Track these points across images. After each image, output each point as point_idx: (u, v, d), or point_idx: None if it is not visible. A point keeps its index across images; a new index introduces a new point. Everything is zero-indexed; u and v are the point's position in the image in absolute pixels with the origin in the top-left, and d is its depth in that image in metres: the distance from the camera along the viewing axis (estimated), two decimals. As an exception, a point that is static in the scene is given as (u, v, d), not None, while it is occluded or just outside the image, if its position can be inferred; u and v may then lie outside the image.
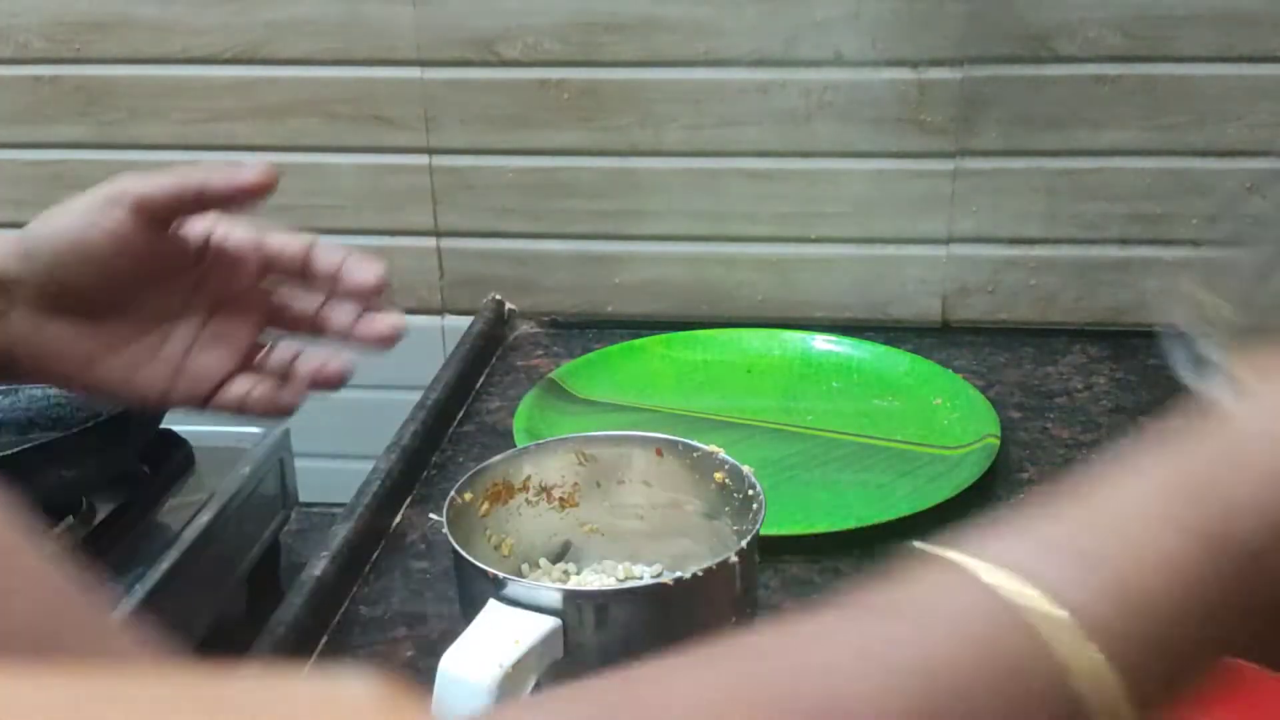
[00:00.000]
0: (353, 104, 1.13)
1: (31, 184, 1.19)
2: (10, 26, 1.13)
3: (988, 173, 1.09)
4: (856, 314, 1.15)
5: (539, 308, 1.18)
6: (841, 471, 0.89)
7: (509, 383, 1.06)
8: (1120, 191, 1.08)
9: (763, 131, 1.09)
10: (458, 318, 1.18)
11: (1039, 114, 1.06)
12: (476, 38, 1.09)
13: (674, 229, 1.14)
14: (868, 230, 1.12)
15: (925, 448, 0.92)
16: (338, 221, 1.17)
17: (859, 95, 1.07)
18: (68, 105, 1.16)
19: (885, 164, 1.09)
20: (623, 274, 1.16)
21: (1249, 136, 1.05)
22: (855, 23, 1.05)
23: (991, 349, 1.10)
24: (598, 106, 1.10)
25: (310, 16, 1.10)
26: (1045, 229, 1.10)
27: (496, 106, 1.11)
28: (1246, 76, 1.03)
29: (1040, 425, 0.96)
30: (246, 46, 1.11)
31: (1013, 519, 0.32)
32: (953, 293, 1.13)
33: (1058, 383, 1.03)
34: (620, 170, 1.12)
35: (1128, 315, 1.12)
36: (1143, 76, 1.04)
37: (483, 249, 1.17)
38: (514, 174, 1.14)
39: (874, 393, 1.00)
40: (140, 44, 1.12)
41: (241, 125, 1.14)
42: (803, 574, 0.77)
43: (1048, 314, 1.13)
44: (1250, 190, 1.06)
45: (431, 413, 0.95)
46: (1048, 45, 1.04)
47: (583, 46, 1.08)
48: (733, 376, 1.04)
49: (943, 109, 1.07)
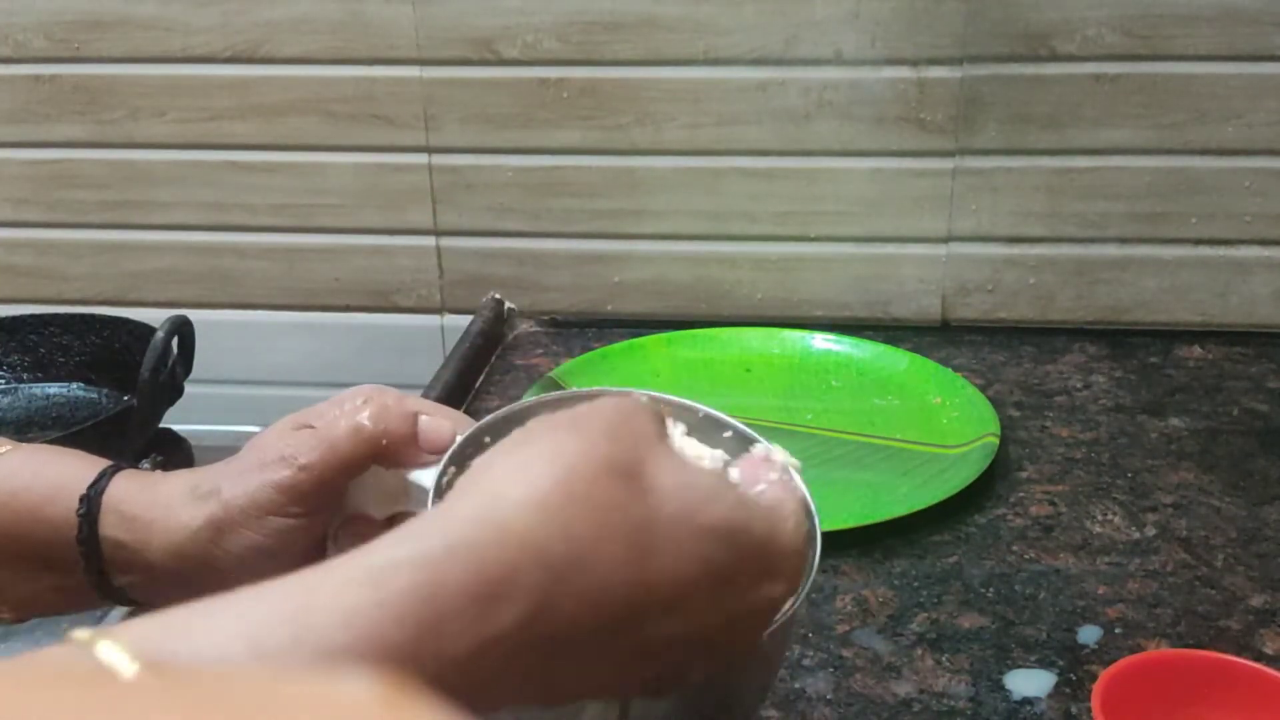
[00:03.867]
0: (352, 103, 1.12)
1: (31, 183, 1.19)
2: (10, 25, 1.13)
3: (987, 171, 1.09)
4: (856, 313, 1.15)
5: (539, 307, 1.18)
6: (841, 470, 0.89)
7: (509, 382, 1.06)
8: (1120, 190, 1.08)
9: (762, 130, 1.09)
10: (457, 317, 1.18)
11: (1039, 113, 1.06)
12: (476, 37, 1.09)
13: (674, 228, 1.14)
14: (867, 229, 1.12)
15: (925, 446, 0.92)
16: (338, 221, 1.17)
17: (858, 94, 1.07)
18: (67, 104, 1.16)
19: (885, 163, 1.09)
20: (622, 273, 1.16)
21: (1249, 136, 1.05)
22: (855, 21, 1.05)
23: (991, 348, 1.10)
24: (597, 105, 1.10)
25: (309, 15, 1.10)
26: (1045, 228, 1.10)
27: (496, 105, 1.11)
28: (1246, 76, 1.03)
29: (1039, 424, 0.96)
30: (246, 45, 1.11)
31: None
32: (952, 292, 1.13)
33: (1057, 381, 1.03)
34: (620, 169, 1.12)
35: (1127, 314, 1.12)
36: (1142, 75, 1.04)
37: (482, 248, 1.17)
38: (514, 173, 1.13)
39: (873, 391, 1.00)
40: (139, 43, 1.12)
41: (241, 124, 1.14)
42: (802, 573, 0.77)
43: (1047, 313, 1.13)
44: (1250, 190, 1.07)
45: (431, 412, 0.95)
46: (1047, 44, 1.04)
47: (582, 45, 1.08)
48: (732, 375, 1.04)
49: (942, 108, 1.07)
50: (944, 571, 0.77)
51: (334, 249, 1.18)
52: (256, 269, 1.20)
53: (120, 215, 1.19)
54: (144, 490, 0.52)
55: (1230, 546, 0.79)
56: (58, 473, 0.53)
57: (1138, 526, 0.82)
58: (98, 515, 0.52)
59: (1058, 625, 0.72)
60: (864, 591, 0.75)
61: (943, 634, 0.71)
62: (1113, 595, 0.74)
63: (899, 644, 0.70)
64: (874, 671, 0.68)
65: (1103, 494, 0.86)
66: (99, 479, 0.52)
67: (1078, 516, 0.83)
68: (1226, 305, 1.11)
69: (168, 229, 1.20)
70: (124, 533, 0.52)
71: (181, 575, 0.51)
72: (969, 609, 0.73)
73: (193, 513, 0.51)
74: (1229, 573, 0.76)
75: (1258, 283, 1.10)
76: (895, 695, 0.66)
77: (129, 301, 1.22)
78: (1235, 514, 0.83)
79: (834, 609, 0.74)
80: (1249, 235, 1.09)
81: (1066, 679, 0.67)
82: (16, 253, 1.22)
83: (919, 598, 0.74)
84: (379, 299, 1.20)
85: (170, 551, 0.51)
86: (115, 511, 0.52)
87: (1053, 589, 0.75)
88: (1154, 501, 0.85)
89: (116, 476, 0.53)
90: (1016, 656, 0.69)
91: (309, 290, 1.20)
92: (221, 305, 1.22)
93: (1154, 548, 0.79)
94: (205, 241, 1.20)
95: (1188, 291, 1.11)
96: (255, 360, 1.23)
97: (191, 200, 1.18)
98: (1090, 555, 0.78)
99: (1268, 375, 1.04)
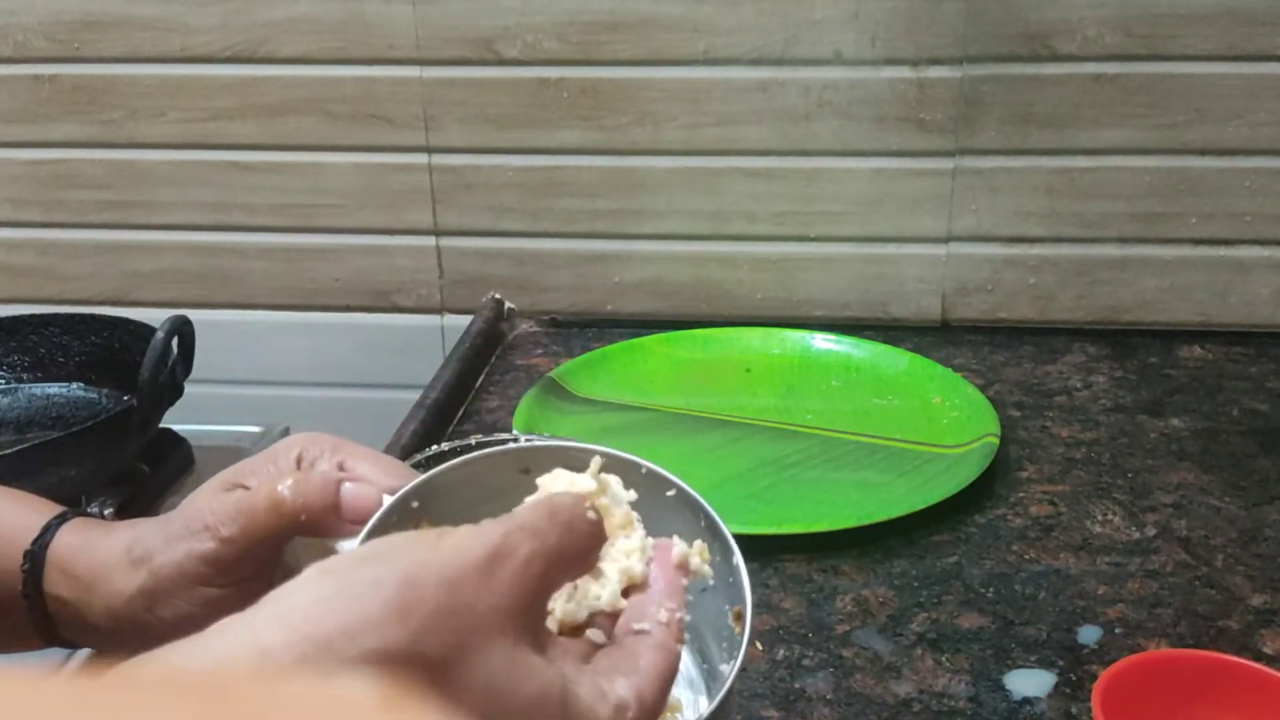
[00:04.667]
0: (352, 103, 1.12)
1: (31, 183, 1.19)
2: (10, 25, 1.13)
3: (987, 171, 1.09)
4: (856, 313, 1.15)
5: (538, 307, 1.18)
6: (841, 470, 0.89)
7: (508, 382, 1.06)
8: (1120, 190, 1.08)
9: (762, 130, 1.09)
10: (457, 317, 1.18)
11: (1038, 113, 1.06)
12: (476, 36, 1.09)
13: (673, 228, 1.14)
14: (867, 229, 1.12)
15: (925, 446, 0.92)
16: (337, 221, 1.17)
17: (858, 94, 1.07)
18: (67, 104, 1.16)
19: (884, 163, 1.09)
20: (622, 273, 1.16)
21: (1249, 136, 1.05)
22: (855, 21, 1.05)
23: (991, 348, 1.10)
24: (597, 105, 1.10)
25: (309, 15, 1.10)
26: (1045, 228, 1.10)
27: (496, 105, 1.11)
28: (1247, 76, 1.03)
29: (1040, 424, 0.96)
30: (245, 45, 1.11)
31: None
32: (952, 291, 1.13)
33: (1057, 381, 1.03)
34: (620, 169, 1.12)
35: (1127, 314, 1.12)
36: (1143, 75, 1.04)
37: (482, 248, 1.17)
38: (513, 173, 1.13)
39: (873, 391, 1.00)
40: (139, 43, 1.12)
41: (241, 124, 1.14)
42: (803, 573, 0.77)
43: (1047, 313, 1.13)
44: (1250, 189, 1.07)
45: (431, 412, 0.95)
46: (1047, 44, 1.04)
47: (582, 45, 1.08)
48: (732, 375, 1.04)
49: (942, 108, 1.07)
50: (944, 571, 0.77)
51: (334, 249, 1.18)
52: (256, 269, 1.20)
53: (120, 215, 1.19)
54: (85, 547, 0.51)
55: (1230, 546, 0.79)
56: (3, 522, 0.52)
57: (1138, 526, 0.82)
58: (42, 570, 0.51)
59: (1058, 625, 0.72)
60: (864, 591, 0.75)
61: (943, 634, 0.71)
62: (1113, 595, 0.74)
63: (899, 644, 0.70)
64: (874, 671, 0.68)
65: (1103, 494, 0.86)
66: (44, 532, 0.51)
67: (1078, 516, 0.83)
68: (1226, 305, 1.11)
69: (168, 229, 1.20)
70: (66, 590, 0.51)
71: (119, 637, 0.50)
72: (969, 609, 0.73)
73: (127, 580, 0.50)
74: (1229, 573, 0.76)
75: (1258, 283, 1.10)
76: (895, 695, 0.66)
77: (129, 301, 1.22)
78: (1235, 514, 0.83)
79: (834, 609, 0.74)
80: (1249, 235, 1.09)
81: (1066, 679, 0.67)
82: (16, 253, 1.22)
83: (919, 598, 0.74)
84: (379, 299, 1.20)
85: (109, 614, 0.50)
86: (58, 569, 0.51)
87: (1053, 589, 0.75)
88: (1154, 501, 0.85)
89: (63, 529, 0.52)
90: (1016, 656, 0.69)
91: (309, 290, 1.20)
92: (221, 305, 1.22)
93: (1154, 548, 0.79)
94: (205, 241, 1.20)
95: (1188, 291, 1.11)
96: (255, 360, 1.23)
97: (191, 200, 1.18)
98: (1090, 555, 0.78)
99: (1268, 375, 1.04)
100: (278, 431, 1.09)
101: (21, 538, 0.51)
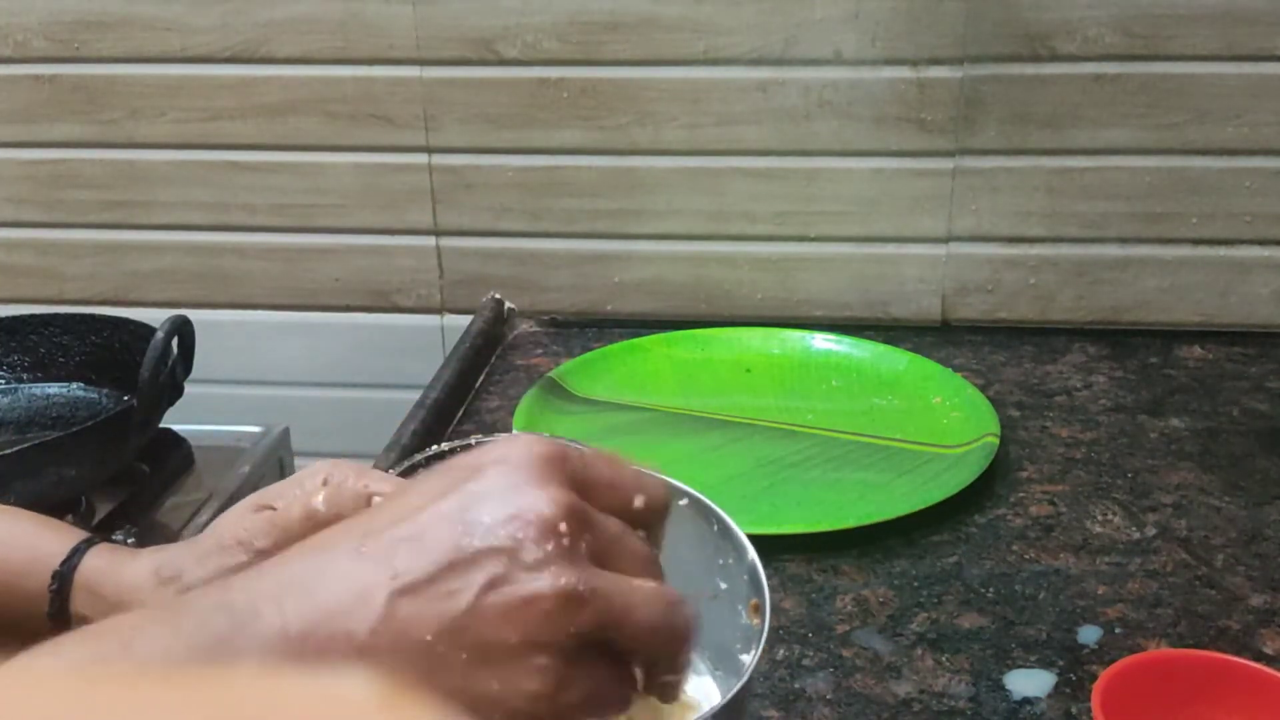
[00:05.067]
0: (352, 103, 1.12)
1: (31, 183, 1.19)
2: (10, 25, 1.13)
3: (987, 172, 1.09)
4: (856, 313, 1.15)
5: (538, 307, 1.18)
6: (841, 470, 0.89)
7: (508, 382, 1.06)
8: (1120, 190, 1.08)
9: (762, 130, 1.09)
10: (457, 317, 1.18)
11: (1038, 113, 1.06)
12: (476, 37, 1.09)
13: (674, 228, 1.14)
14: (867, 229, 1.12)
15: (925, 446, 0.92)
16: (337, 221, 1.17)
17: (858, 94, 1.07)
18: (67, 104, 1.16)
19: (884, 163, 1.09)
20: (622, 273, 1.16)
21: (1249, 136, 1.05)
22: (855, 21, 1.05)
23: (991, 348, 1.10)
24: (597, 105, 1.10)
25: (309, 15, 1.10)
26: (1045, 228, 1.10)
27: (496, 105, 1.11)
28: (1246, 76, 1.03)
29: (1040, 424, 0.96)
30: (246, 45, 1.11)
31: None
32: (952, 292, 1.13)
33: (1057, 382, 1.03)
34: (620, 169, 1.12)
35: (1128, 314, 1.12)
36: (1142, 75, 1.04)
37: (482, 248, 1.17)
38: (513, 173, 1.13)
39: (873, 391, 1.00)
40: (139, 43, 1.12)
41: (241, 124, 1.14)
42: (803, 573, 0.77)
43: (1047, 313, 1.13)
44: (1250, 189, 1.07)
45: (431, 412, 0.95)
46: (1047, 44, 1.04)
47: (582, 45, 1.08)
48: (732, 375, 1.04)
49: (942, 108, 1.07)
50: (944, 571, 0.77)
51: (334, 249, 1.18)
52: (256, 269, 1.20)
53: (120, 215, 1.19)
54: (112, 569, 0.52)
55: (1230, 546, 0.79)
56: (31, 544, 0.53)
57: (1138, 526, 0.82)
58: (69, 592, 0.52)
59: (1058, 625, 0.72)
60: (864, 591, 0.75)
61: (943, 634, 0.71)
62: (1113, 595, 0.74)
63: (899, 644, 0.70)
64: (874, 671, 0.68)
65: (1103, 494, 0.86)
66: (71, 555, 0.52)
67: (1078, 516, 0.83)
68: (1226, 305, 1.11)
69: (168, 229, 1.20)
70: (93, 610, 0.52)
71: None
72: (969, 609, 0.73)
73: (155, 599, 0.51)
74: (1229, 573, 0.76)
75: (1258, 283, 1.10)
76: (895, 695, 0.66)
77: (129, 301, 1.22)
78: (1235, 514, 0.83)
79: (834, 609, 0.74)
80: (1249, 235, 1.09)
81: (1066, 679, 0.67)
82: (16, 253, 1.22)
83: (919, 598, 0.74)
84: (379, 299, 1.20)
85: None
86: (86, 589, 0.52)
87: (1053, 589, 0.75)
88: (1154, 501, 0.85)
89: (90, 552, 0.53)
90: (1016, 656, 0.69)
91: (309, 290, 1.20)
92: (221, 305, 1.22)
93: (1154, 548, 0.79)
94: (205, 241, 1.20)
95: (1188, 291, 1.11)
96: (255, 360, 1.23)
97: (191, 200, 1.18)
98: (1090, 555, 0.78)
99: (1268, 375, 1.04)
100: (277, 431, 1.09)
101: (49, 560, 0.53)
